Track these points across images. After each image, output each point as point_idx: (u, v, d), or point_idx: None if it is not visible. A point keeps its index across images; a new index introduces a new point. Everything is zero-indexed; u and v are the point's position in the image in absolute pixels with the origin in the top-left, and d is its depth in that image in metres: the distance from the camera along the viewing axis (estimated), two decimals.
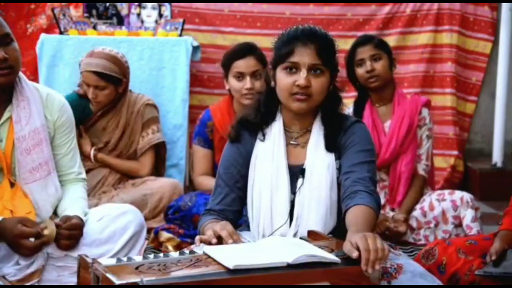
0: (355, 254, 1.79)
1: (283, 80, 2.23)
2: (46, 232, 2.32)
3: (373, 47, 3.49)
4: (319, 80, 2.22)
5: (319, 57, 2.21)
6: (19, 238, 2.28)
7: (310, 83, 2.20)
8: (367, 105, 3.58)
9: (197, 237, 2.08)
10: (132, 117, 3.75)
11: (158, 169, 3.88)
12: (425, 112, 3.56)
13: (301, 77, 2.20)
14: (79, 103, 3.63)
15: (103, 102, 3.67)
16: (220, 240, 2.05)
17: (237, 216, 2.34)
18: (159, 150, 3.86)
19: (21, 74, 2.48)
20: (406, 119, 3.52)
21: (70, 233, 2.38)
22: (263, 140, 2.32)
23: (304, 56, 2.21)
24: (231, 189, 2.32)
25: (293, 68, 2.21)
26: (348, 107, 3.67)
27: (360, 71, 3.51)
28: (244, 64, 3.40)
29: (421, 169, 3.55)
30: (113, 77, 3.64)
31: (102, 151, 3.73)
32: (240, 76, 3.40)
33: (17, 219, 2.33)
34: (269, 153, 2.29)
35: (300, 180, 2.25)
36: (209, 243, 2.03)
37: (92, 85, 3.62)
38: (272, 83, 2.29)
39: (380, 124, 3.57)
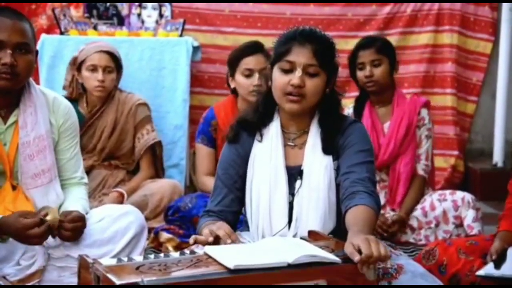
0: (357, 258, 1.79)
1: (278, 79, 2.23)
2: (48, 217, 2.32)
3: (374, 51, 3.48)
4: (314, 81, 2.21)
5: (316, 58, 2.20)
6: (24, 230, 2.28)
7: (304, 84, 2.20)
8: (367, 106, 3.58)
9: (192, 236, 2.06)
10: (122, 116, 3.73)
11: (156, 170, 3.86)
12: (424, 112, 3.56)
13: (295, 76, 2.19)
14: None
15: (107, 88, 3.65)
16: (216, 241, 2.04)
17: (236, 217, 2.34)
18: (155, 149, 3.83)
19: (30, 79, 2.49)
20: (405, 120, 3.51)
21: (74, 225, 2.37)
22: (260, 141, 2.32)
23: (300, 56, 2.20)
24: (229, 190, 2.32)
25: (289, 68, 2.21)
26: (348, 107, 3.68)
27: (360, 74, 3.50)
28: (253, 61, 3.42)
29: (420, 169, 3.54)
30: (119, 63, 3.71)
31: (91, 154, 3.71)
32: (249, 72, 3.41)
33: (17, 214, 2.32)
34: (267, 154, 2.29)
35: (298, 182, 2.25)
36: (205, 243, 2.02)
37: (103, 66, 3.63)
38: (269, 82, 2.30)
39: (379, 125, 3.56)
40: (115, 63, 3.69)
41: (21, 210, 2.36)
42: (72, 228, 2.37)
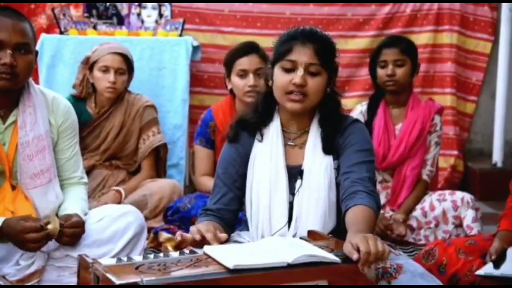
0: (355, 256, 1.79)
1: (279, 78, 2.23)
2: (49, 226, 2.33)
3: (399, 51, 3.46)
4: (316, 81, 2.22)
5: (317, 57, 2.21)
6: (22, 233, 2.28)
7: (306, 83, 2.20)
8: (381, 105, 3.56)
9: (178, 233, 2.04)
10: (129, 118, 3.73)
11: (159, 171, 3.85)
12: (437, 119, 3.55)
13: (297, 75, 2.19)
14: (76, 106, 3.60)
15: (118, 90, 3.65)
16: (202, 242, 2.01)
17: (234, 216, 2.33)
18: (159, 151, 3.84)
19: (30, 79, 2.49)
20: (418, 124, 3.50)
21: (73, 231, 2.38)
22: (261, 141, 2.32)
23: (302, 55, 2.21)
24: (229, 189, 2.32)
25: (290, 67, 2.21)
26: (361, 105, 3.67)
27: (381, 72, 3.49)
28: (247, 62, 3.41)
29: (424, 174, 3.54)
30: (131, 65, 3.71)
31: (93, 153, 3.70)
32: (243, 73, 3.41)
33: (19, 217, 2.33)
34: (267, 153, 2.29)
35: (298, 181, 2.25)
36: (193, 241, 2.00)
37: (116, 67, 3.62)
38: (270, 82, 2.30)
39: (392, 126, 3.55)
40: (127, 65, 3.69)
41: (24, 215, 2.37)
42: (71, 234, 2.38)
